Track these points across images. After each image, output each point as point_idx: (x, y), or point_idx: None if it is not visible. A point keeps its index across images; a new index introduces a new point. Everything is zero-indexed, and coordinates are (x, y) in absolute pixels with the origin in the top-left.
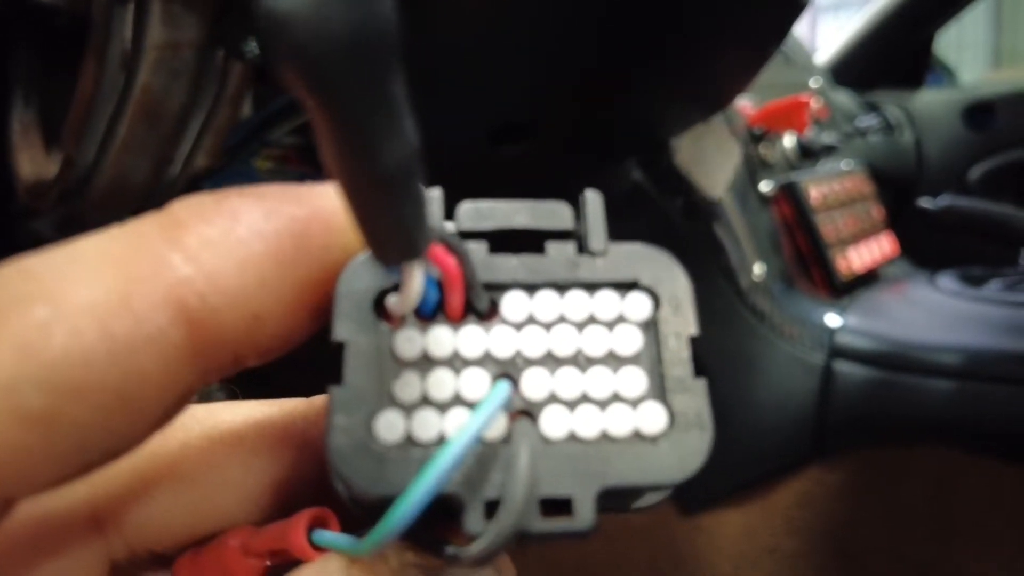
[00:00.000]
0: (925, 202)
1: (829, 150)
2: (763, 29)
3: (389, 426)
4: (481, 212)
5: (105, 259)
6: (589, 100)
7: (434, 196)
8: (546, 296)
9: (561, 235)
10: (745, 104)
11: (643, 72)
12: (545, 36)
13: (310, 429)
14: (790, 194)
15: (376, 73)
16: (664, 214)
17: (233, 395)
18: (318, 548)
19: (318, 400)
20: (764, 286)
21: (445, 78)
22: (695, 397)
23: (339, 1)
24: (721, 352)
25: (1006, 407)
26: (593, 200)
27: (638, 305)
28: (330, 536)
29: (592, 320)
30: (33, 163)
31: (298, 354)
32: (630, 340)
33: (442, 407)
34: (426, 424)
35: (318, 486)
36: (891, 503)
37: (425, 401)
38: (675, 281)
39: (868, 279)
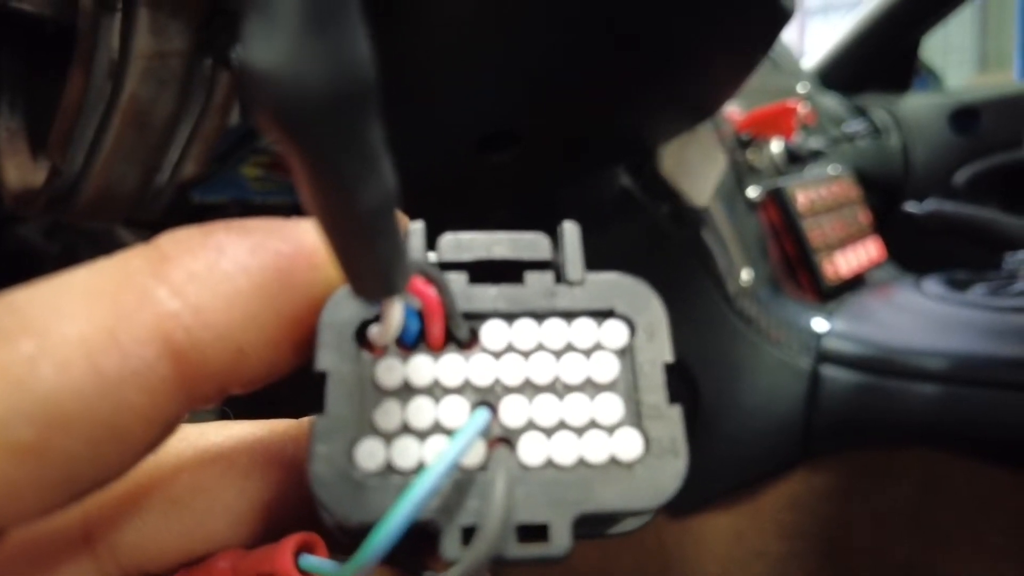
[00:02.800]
0: (911, 207)
1: (816, 155)
2: (750, 38)
3: (369, 454)
4: (461, 244)
5: (92, 293)
6: (576, 109)
7: (416, 228)
8: (525, 325)
9: (539, 265)
10: (733, 110)
11: (629, 81)
12: (532, 47)
13: (300, 451)
14: (777, 199)
15: (355, 124)
16: (652, 220)
17: (223, 415)
18: (304, 573)
19: (307, 421)
20: (751, 291)
21: (432, 88)
22: (670, 424)
23: (318, 57)
24: (709, 357)
25: (991, 411)
26: (571, 231)
27: (614, 333)
28: (315, 561)
29: (570, 348)
30: (19, 170)
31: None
32: (607, 367)
33: (422, 435)
34: (406, 452)
35: (307, 507)
36: (878, 506)
37: (405, 429)
38: (650, 309)
39: (855, 283)
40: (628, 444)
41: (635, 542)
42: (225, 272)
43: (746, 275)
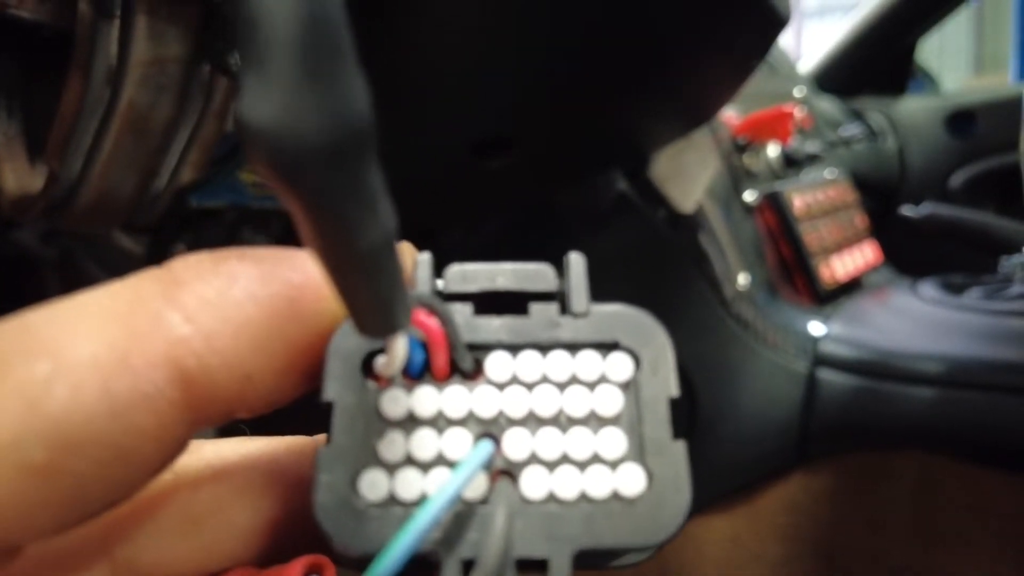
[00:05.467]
0: (907, 210)
1: (813, 159)
2: (746, 43)
3: (372, 484)
4: (466, 275)
5: (105, 315)
6: (571, 114)
7: (423, 260)
8: (529, 357)
9: (545, 296)
10: (729, 114)
11: (625, 86)
12: (527, 54)
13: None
14: (774, 203)
15: (353, 172)
16: (649, 224)
17: (239, 431)
18: None
19: (321, 439)
20: (748, 295)
21: (427, 95)
22: (673, 459)
23: (314, 111)
24: (706, 361)
25: (986, 414)
26: (576, 262)
27: (619, 366)
28: None
29: (574, 380)
30: (17, 176)
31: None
32: (611, 401)
33: (425, 466)
34: (408, 483)
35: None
36: (874, 508)
37: (408, 460)
38: (655, 342)
39: (851, 287)
40: (631, 479)
41: None
42: (236, 299)
43: (743, 279)
